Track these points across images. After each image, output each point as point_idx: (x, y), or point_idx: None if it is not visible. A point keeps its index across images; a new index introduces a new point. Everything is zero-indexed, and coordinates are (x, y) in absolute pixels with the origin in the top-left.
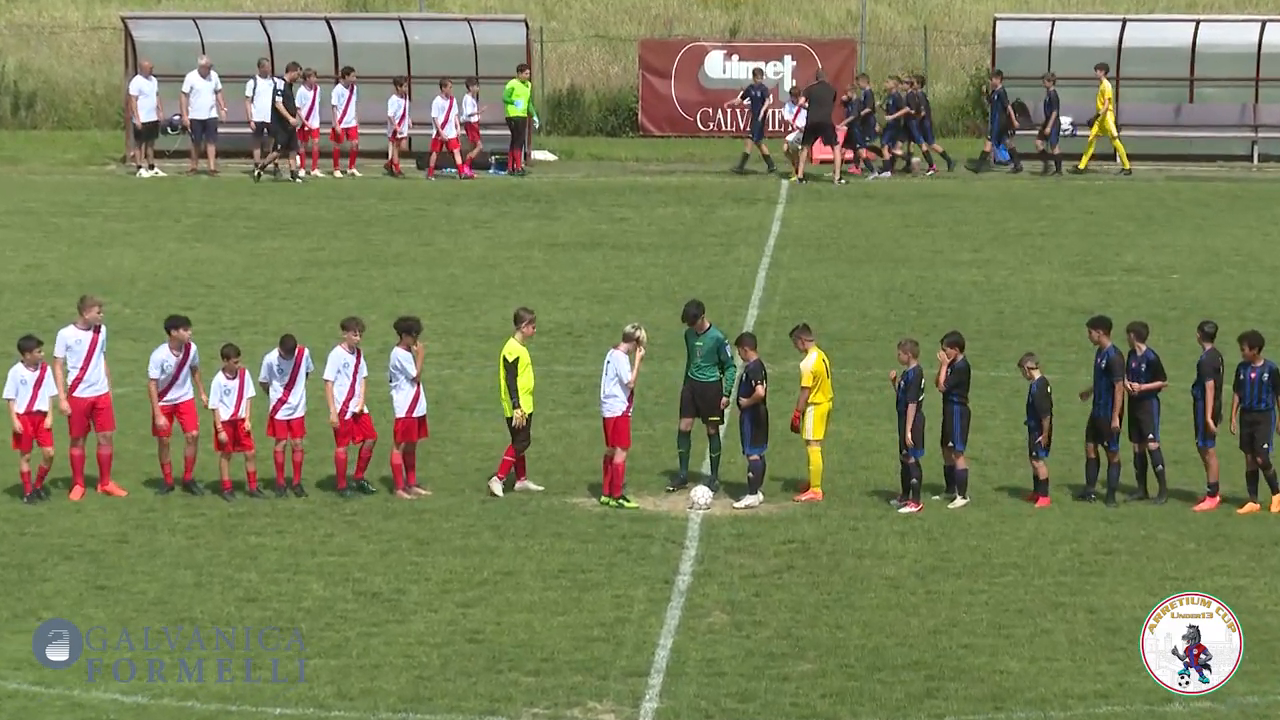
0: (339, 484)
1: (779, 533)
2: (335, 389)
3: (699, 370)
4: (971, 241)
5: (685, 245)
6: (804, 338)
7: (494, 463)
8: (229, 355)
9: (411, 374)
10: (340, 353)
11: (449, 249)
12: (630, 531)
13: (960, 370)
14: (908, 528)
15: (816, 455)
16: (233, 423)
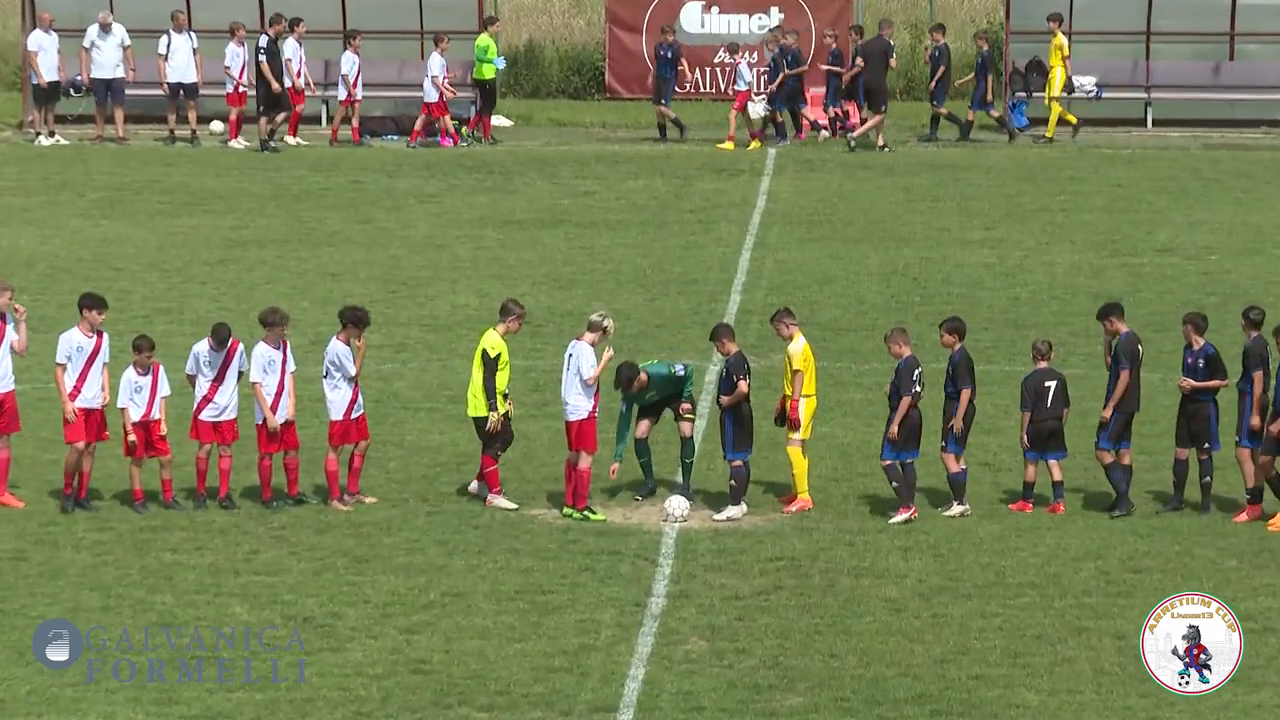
0: (264, 494)
1: (765, 548)
2: (264, 390)
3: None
4: (983, 218)
5: (659, 223)
6: (787, 322)
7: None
8: (141, 348)
9: (351, 372)
10: (264, 349)
11: (390, 227)
12: (596, 547)
13: (958, 362)
14: (911, 543)
15: (799, 456)
16: (144, 424)
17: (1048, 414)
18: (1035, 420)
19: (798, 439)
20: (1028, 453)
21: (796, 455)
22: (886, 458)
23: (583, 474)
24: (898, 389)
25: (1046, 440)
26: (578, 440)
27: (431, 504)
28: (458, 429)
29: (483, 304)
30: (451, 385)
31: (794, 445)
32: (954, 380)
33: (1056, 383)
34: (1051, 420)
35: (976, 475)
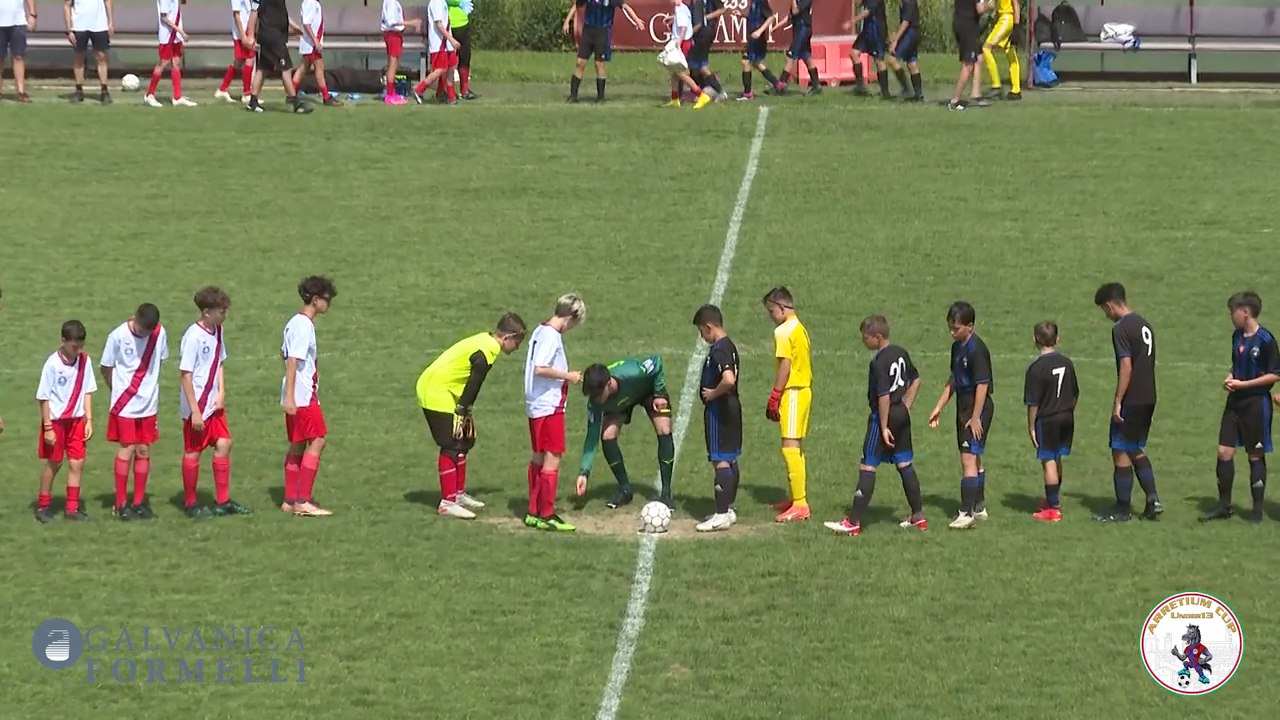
0: (188, 500)
1: (756, 562)
2: (194, 380)
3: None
4: (1004, 186)
5: (635, 191)
6: (782, 304)
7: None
8: (70, 334)
9: (313, 351)
10: (200, 334)
11: (328, 196)
12: (564, 561)
13: (974, 352)
14: (922, 556)
15: (796, 458)
16: (66, 422)
17: (1059, 406)
18: (1046, 415)
19: (794, 438)
20: (1040, 451)
21: (794, 457)
22: (870, 462)
23: (548, 478)
24: (879, 389)
25: (1060, 435)
26: (543, 440)
27: (376, 512)
28: (406, 426)
29: (434, 284)
30: (399, 377)
31: (791, 446)
32: (970, 373)
33: (1065, 370)
34: (1063, 413)
35: (997, 479)
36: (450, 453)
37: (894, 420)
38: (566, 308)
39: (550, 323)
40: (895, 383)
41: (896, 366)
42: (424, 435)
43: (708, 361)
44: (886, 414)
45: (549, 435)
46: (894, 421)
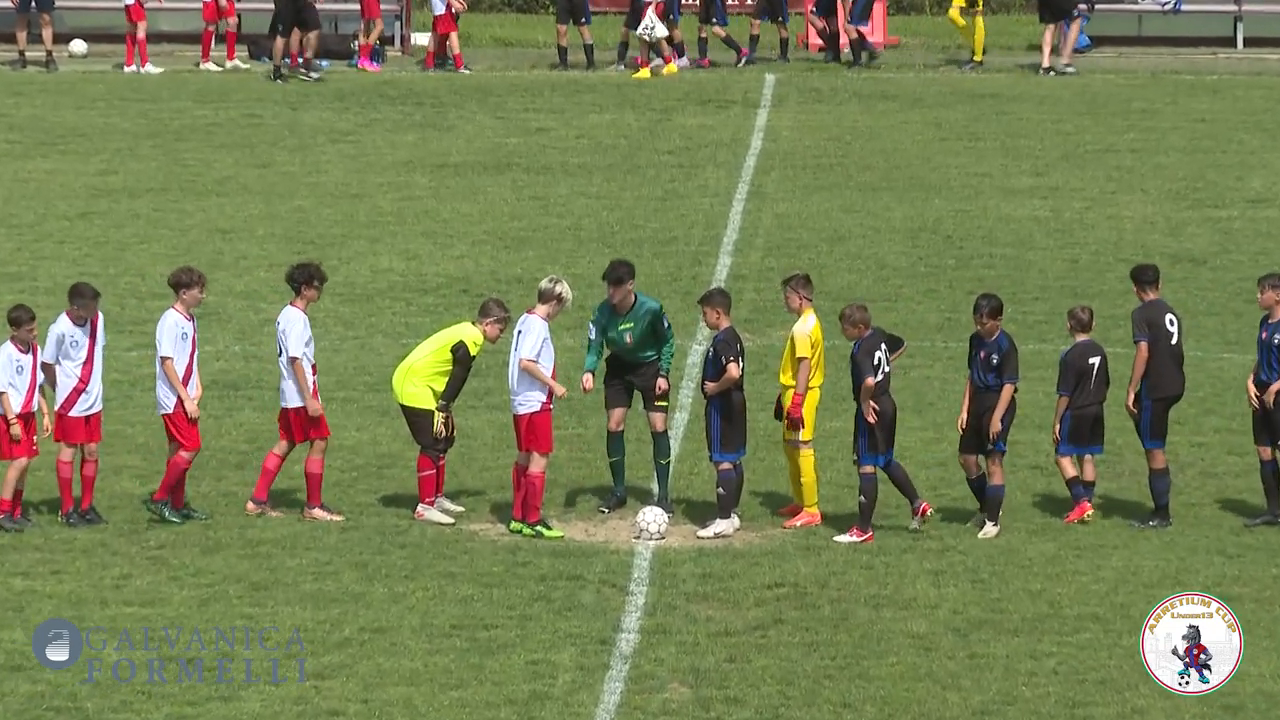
0: (177, 502)
1: (762, 572)
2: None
3: (627, 352)
4: (1034, 160)
5: (629, 167)
6: (801, 293)
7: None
8: (20, 321)
9: (304, 349)
10: (179, 319)
11: (294, 172)
12: (552, 571)
13: (1007, 350)
14: (943, 565)
15: (809, 462)
16: (26, 416)
17: (1091, 398)
18: (1077, 407)
19: (805, 441)
20: (1062, 446)
21: (808, 463)
22: (866, 463)
23: (534, 480)
24: (863, 374)
25: (1090, 431)
26: (528, 438)
27: (347, 517)
28: (379, 423)
29: (410, 268)
30: (371, 370)
31: (804, 449)
32: (999, 371)
33: (1100, 359)
34: (1095, 405)
35: (1026, 480)
36: (430, 453)
37: (883, 414)
38: (549, 292)
39: (536, 310)
40: (881, 370)
41: (880, 354)
42: (399, 433)
43: (709, 352)
44: (869, 397)
45: (535, 433)
46: (883, 415)
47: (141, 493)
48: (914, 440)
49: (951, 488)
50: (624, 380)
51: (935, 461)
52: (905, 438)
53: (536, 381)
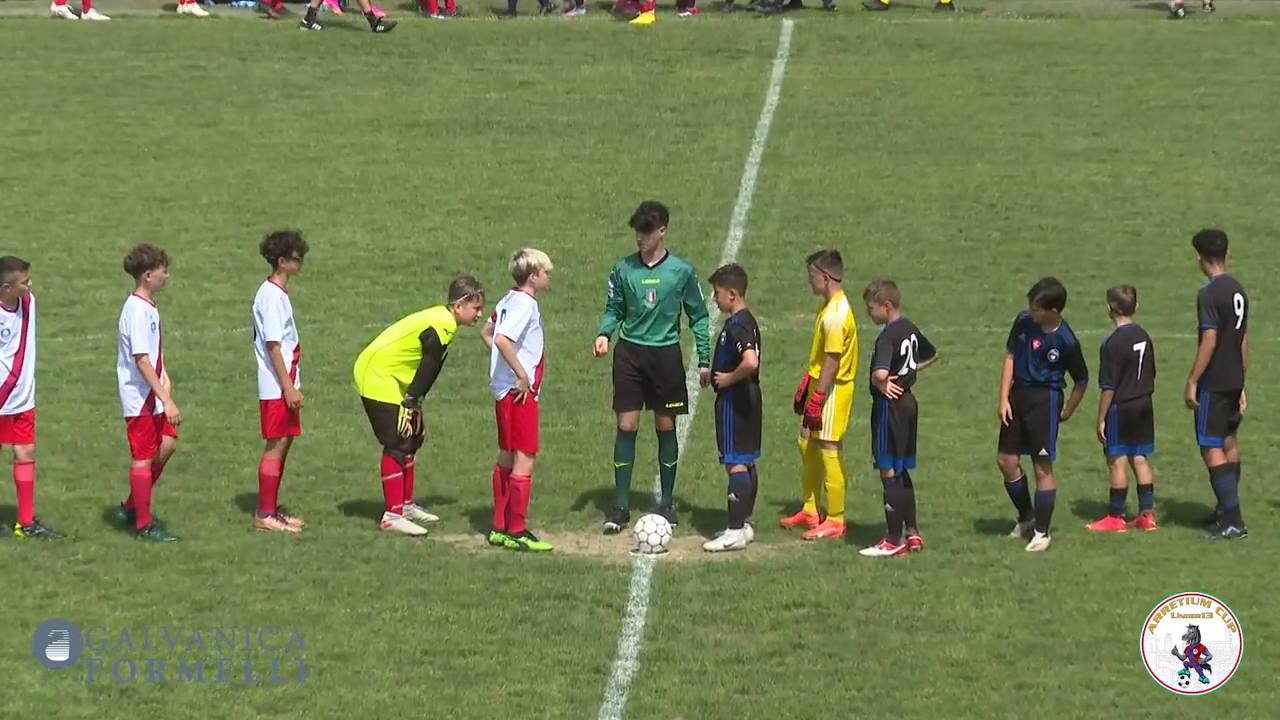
0: (141, 520)
1: (779, 591)
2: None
3: (642, 328)
4: (1089, 119)
5: (627, 126)
6: (828, 273)
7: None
8: None
9: (290, 328)
10: (143, 305)
11: (243, 132)
12: (539, 589)
13: (1073, 347)
14: (986, 582)
15: (836, 465)
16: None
17: (1139, 390)
18: (1123, 400)
19: (832, 440)
20: (1114, 446)
21: (834, 467)
22: (883, 466)
23: (519, 485)
24: (876, 362)
25: (1138, 426)
26: (512, 435)
27: (304, 527)
28: (340, 420)
29: (375, 242)
30: (331, 358)
31: (830, 450)
32: (1060, 367)
33: (1146, 346)
34: (1143, 397)
35: (1080, 485)
36: (396, 454)
37: (904, 412)
38: (521, 270)
39: (522, 288)
40: (906, 365)
41: (908, 344)
42: (362, 431)
43: (722, 338)
44: (887, 389)
45: (519, 429)
46: (904, 414)
47: (69, 498)
48: (953, 439)
49: (996, 493)
50: (638, 373)
51: (978, 464)
52: (943, 436)
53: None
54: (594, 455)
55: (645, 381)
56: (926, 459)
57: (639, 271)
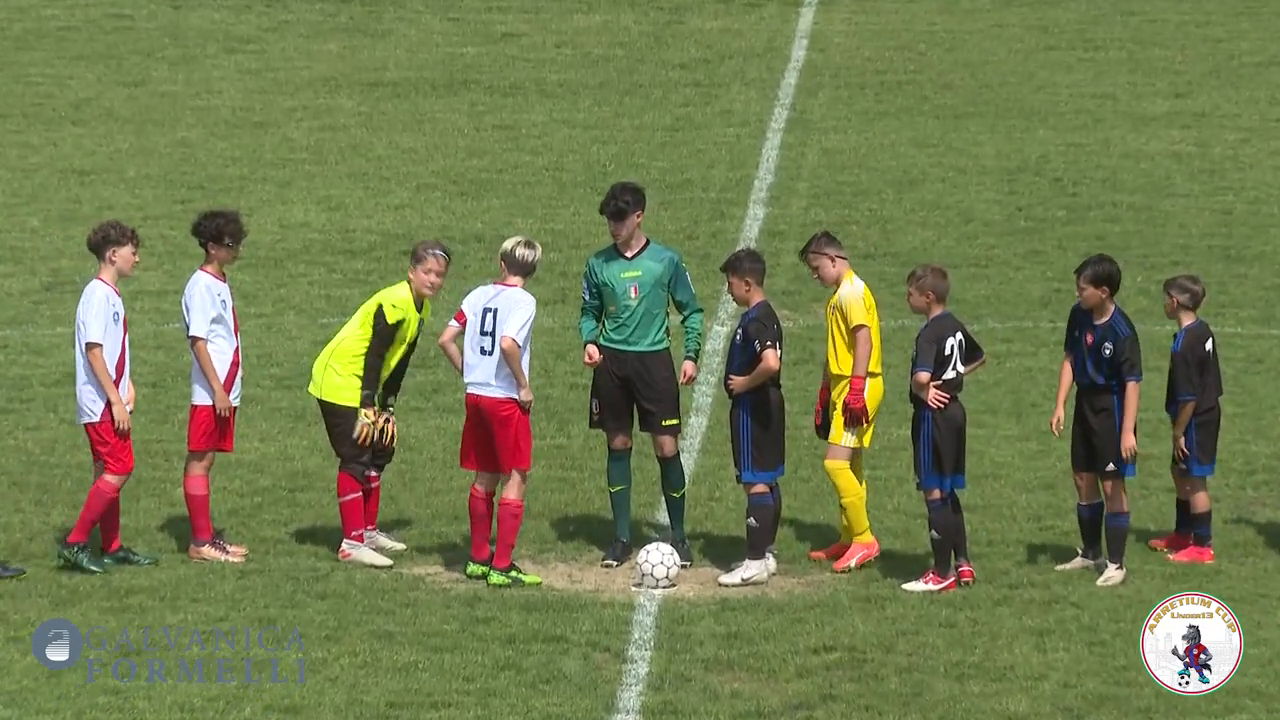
0: (110, 544)
1: (807, 632)
2: (108, 357)
3: (626, 330)
4: (1172, 78)
5: (628, 87)
6: (831, 254)
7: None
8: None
9: (230, 323)
10: (105, 290)
11: (176, 92)
12: (525, 631)
13: (1122, 340)
14: (1050, 622)
15: (847, 476)
16: None
17: (1215, 396)
18: (1203, 410)
19: (846, 448)
20: (1196, 466)
21: (844, 475)
22: (928, 485)
23: (516, 510)
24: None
25: (1216, 440)
26: (511, 452)
27: (251, 556)
28: (291, 431)
29: (332, 222)
30: (280, 359)
31: (838, 457)
32: (1114, 365)
33: (1213, 343)
34: (1217, 407)
35: (1161, 509)
36: (354, 469)
37: (950, 423)
38: (527, 262)
39: (509, 281)
40: (952, 367)
41: (953, 343)
42: (317, 444)
43: (737, 336)
44: (930, 396)
45: (518, 444)
46: (950, 425)
47: None
48: (1011, 454)
49: (1062, 517)
50: (622, 386)
51: (1040, 483)
52: (999, 451)
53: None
54: (589, 473)
55: (631, 395)
56: (979, 477)
57: (616, 264)
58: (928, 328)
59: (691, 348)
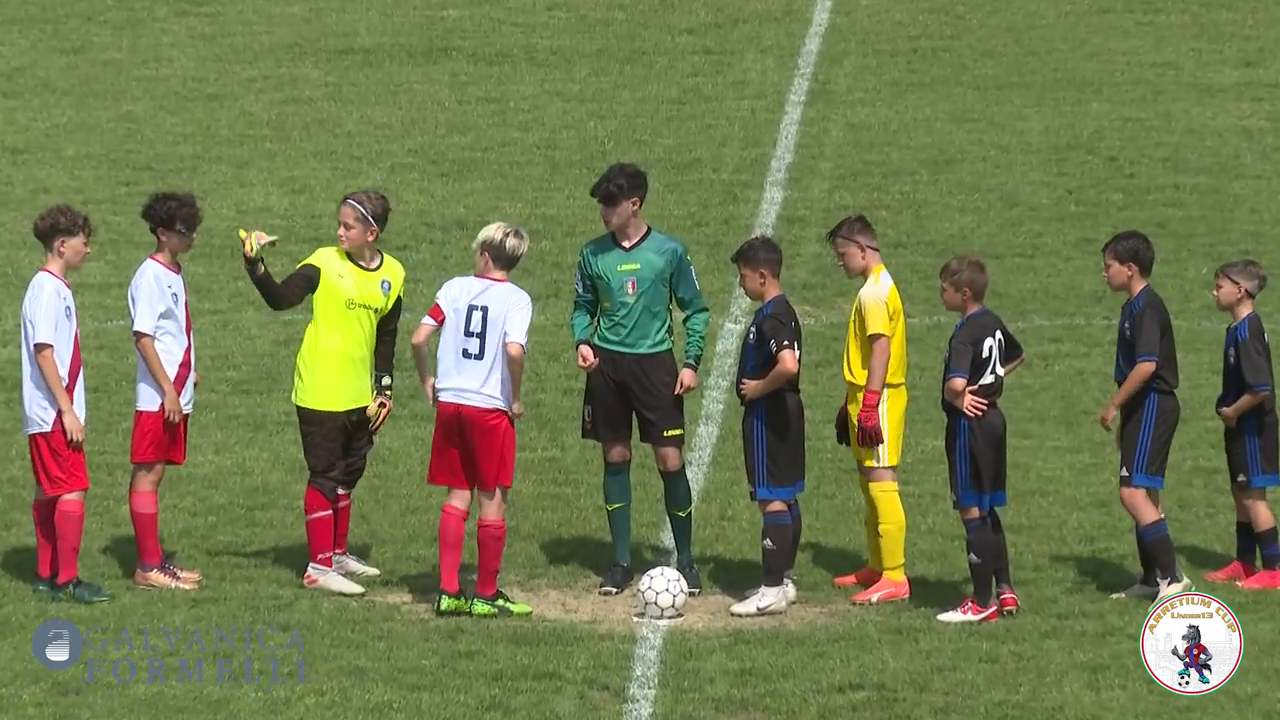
0: (66, 573)
1: (830, 668)
2: (59, 359)
3: (623, 330)
4: (1241, 43)
5: (629, 53)
6: (861, 242)
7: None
8: None
9: (181, 318)
10: (54, 283)
11: (120, 60)
12: (512, 666)
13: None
14: (1104, 657)
15: (893, 501)
16: None
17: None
18: (1265, 413)
19: (886, 467)
20: (1258, 475)
21: (888, 500)
22: (965, 503)
23: (500, 531)
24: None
25: (1277, 447)
26: (497, 467)
27: (205, 583)
28: (249, 443)
29: (296, 206)
30: (238, 360)
31: (884, 480)
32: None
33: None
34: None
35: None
36: (323, 484)
37: (989, 432)
38: (512, 252)
39: (494, 275)
40: (990, 370)
41: (992, 344)
42: (279, 456)
43: (750, 335)
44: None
45: (505, 458)
46: (989, 434)
47: None
48: (1061, 468)
49: (1118, 539)
50: (618, 391)
51: (1093, 499)
52: (1048, 463)
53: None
54: (585, 488)
55: (629, 403)
56: (1025, 494)
57: (612, 255)
58: (963, 328)
59: (692, 353)
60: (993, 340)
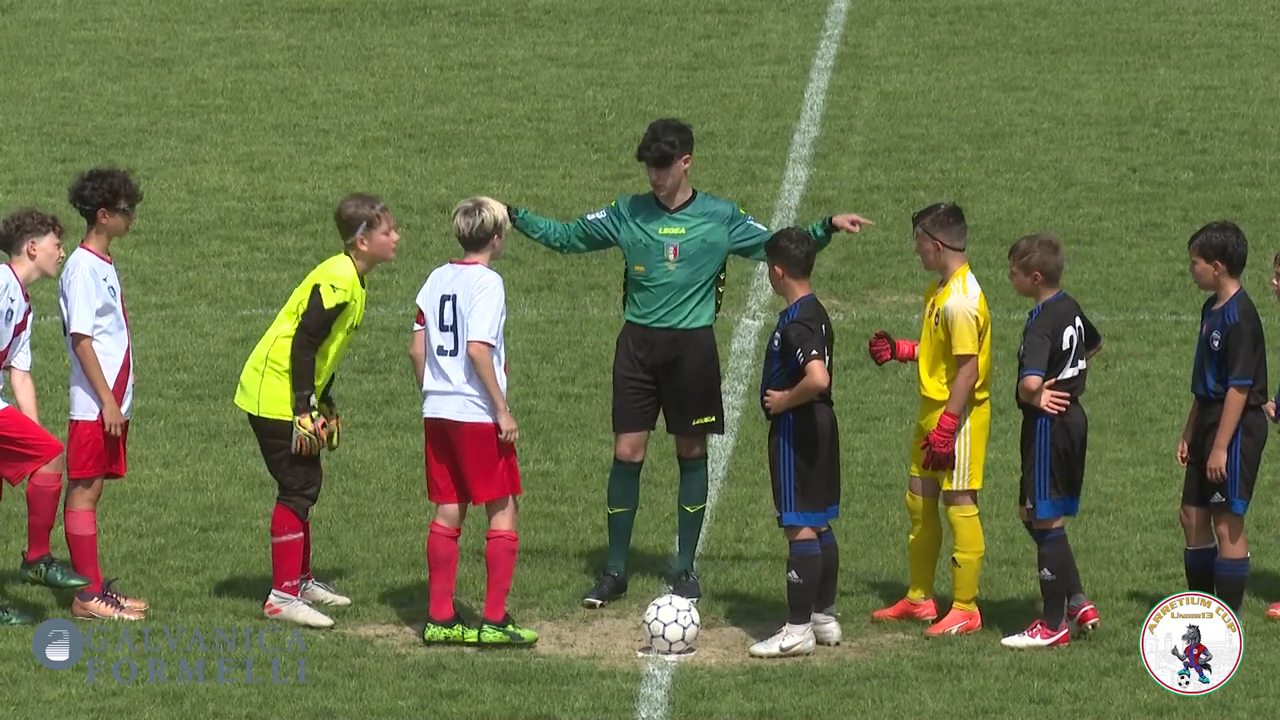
0: (35, 549)
1: (861, 709)
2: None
3: (658, 302)
4: None
5: (632, 14)
6: (941, 240)
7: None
8: None
9: (120, 315)
10: (6, 274)
11: (56, 20)
12: (500, 708)
13: (1227, 323)
14: (1170, 699)
15: (974, 529)
16: None
17: None
18: None
19: (966, 490)
20: None
21: (969, 526)
22: (1045, 514)
23: (502, 544)
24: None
25: None
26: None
27: (152, 613)
28: (202, 455)
29: (254, 187)
30: (189, 362)
31: (964, 504)
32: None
33: None
34: None
35: None
36: (297, 503)
37: (1070, 432)
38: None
39: (471, 260)
40: (1072, 363)
41: (1072, 334)
42: (236, 471)
43: (774, 342)
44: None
45: (495, 462)
46: (1070, 434)
47: None
48: (1123, 483)
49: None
50: (649, 375)
51: (1159, 519)
52: (1108, 478)
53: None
54: (584, 506)
55: (659, 387)
56: (1083, 513)
57: (656, 218)
58: (1040, 317)
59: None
60: (1073, 329)
